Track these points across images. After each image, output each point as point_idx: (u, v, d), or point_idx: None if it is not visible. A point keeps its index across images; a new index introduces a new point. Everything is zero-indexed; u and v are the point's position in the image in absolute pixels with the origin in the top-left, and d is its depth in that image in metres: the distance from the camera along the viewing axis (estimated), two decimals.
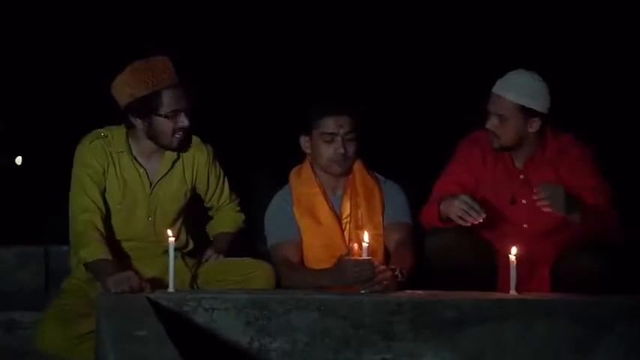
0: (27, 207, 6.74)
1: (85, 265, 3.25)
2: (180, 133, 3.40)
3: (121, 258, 3.34)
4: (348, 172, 3.63)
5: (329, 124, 3.54)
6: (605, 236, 3.41)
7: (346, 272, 3.18)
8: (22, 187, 7.71)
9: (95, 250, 3.21)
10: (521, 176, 3.61)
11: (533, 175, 3.59)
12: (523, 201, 3.58)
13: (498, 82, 3.58)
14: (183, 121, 3.38)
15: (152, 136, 3.41)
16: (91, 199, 3.35)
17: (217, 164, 3.64)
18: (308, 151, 3.64)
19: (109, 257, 3.20)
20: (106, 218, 3.39)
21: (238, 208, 3.72)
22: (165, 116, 3.35)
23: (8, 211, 6.48)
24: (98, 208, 3.36)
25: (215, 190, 3.65)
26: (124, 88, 3.36)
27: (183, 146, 3.48)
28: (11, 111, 7.80)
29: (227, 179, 3.69)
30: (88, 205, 3.35)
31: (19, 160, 8.57)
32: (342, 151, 3.54)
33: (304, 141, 3.63)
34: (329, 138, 3.54)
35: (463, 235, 3.39)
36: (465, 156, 3.66)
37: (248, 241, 3.78)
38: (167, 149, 3.46)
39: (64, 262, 3.70)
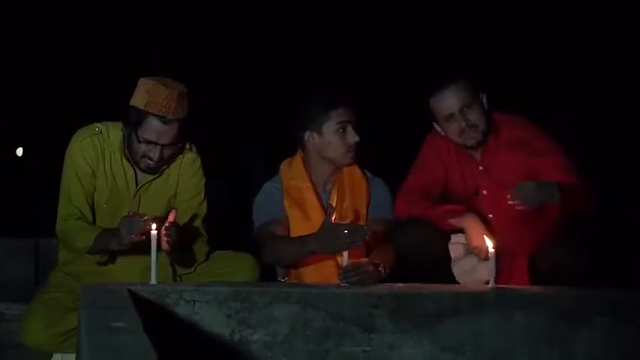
0: (22, 199, 6.78)
1: (89, 251, 3.27)
2: (150, 161, 3.34)
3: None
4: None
5: (343, 113, 3.58)
6: (581, 212, 3.43)
7: (337, 238, 3.20)
8: (21, 180, 7.75)
9: (88, 235, 3.25)
10: (480, 167, 3.64)
11: (491, 164, 3.61)
12: (484, 192, 3.61)
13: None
14: (154, 153, 3.31)
15: (128, 146, 3.39)
16: (75, 206, 3.36)
17: (201, 180, 3.53)
18: (312, 146, 3.64)
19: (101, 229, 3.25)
20: (92, 217, 3.41)
21: (205, 244, 3.50)
22: (138, 140, 3.32)
23: (4, 203, 6.52)
24: (83, 214, 3.37)
25: (187, 202, 3.49)
26: (136, 90, 3.33)
27: (150, 171, 3.41)
28: (14, 105, 7.84)
29: (205, 213, 3.52)
30: (73, 211, 3.36)
31: (19, 151, 8.60)
32: (357, 138, 3.58)
33: (309, 137, 3.63)
34: (343, 127, 3.57)
35: (436, 227, 3.43)
36: (433, 148, 3.69)
37: (245, 238, 3.77)
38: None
39: (54, 255, 3.72)
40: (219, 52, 7.66)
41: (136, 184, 3.43)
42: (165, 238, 3.14)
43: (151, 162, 3.34)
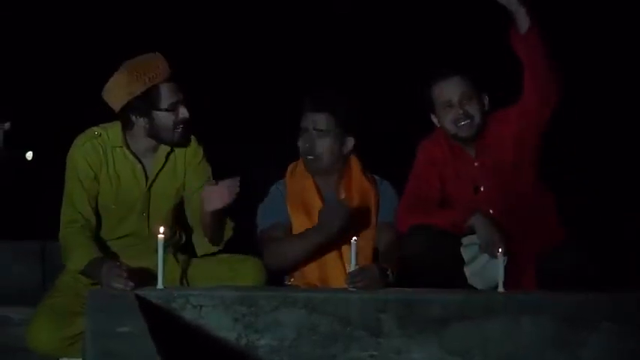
0: (28, 202, 6.77)
1: (81, 273, 3.25)
2: (181, 126, 3.39)
3: (113, 255, 3.35)
4: (342, 171, 3.66)
5: (304, 119, 3.63)
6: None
7: (336, 216, 3.31)
8: (28, 182, 7.74)
9: (82, 256, 3.21)
10: (475, 163, 3.64)
11: (487, 159, 3.62)
12: (482, 188, 3.61)
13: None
14: (184, 112, 3.38)
15: (154, 133, 3.39)
16: (78, 211, 3.34)
17: (208, 167, 3.54)
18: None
19: (99, 255, 3.21)
20: (98, 220, 3.39)
21: (230, 220, 3.49)
22: (166, 109, 3.36)
23: (10, 206, 6.51)
24: (86, 219, 3.35)
25: (199, 189, 3.43)
26: (121, 89, 3.36)
27: (184, 141, 3.46)
28: (21, 107, 7.83)
29: None
30: (76, 217, 3.34)
31: (29, 155, 8.59)
32: (307, 145, 3.60)
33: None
34: (303, 133, 3.62)
35: (445, 233, 3.42)
36: (427, 156, 3.70)
37: (249, 241, 3.76)
38: (169, 144, 3.44)
39: (61, 258, 3.70)
40: (220, 51, 7.65)
41: (146, 178, 3.43)
42: (233, 190, 3.22)
43: (186, 124, 3.39)
